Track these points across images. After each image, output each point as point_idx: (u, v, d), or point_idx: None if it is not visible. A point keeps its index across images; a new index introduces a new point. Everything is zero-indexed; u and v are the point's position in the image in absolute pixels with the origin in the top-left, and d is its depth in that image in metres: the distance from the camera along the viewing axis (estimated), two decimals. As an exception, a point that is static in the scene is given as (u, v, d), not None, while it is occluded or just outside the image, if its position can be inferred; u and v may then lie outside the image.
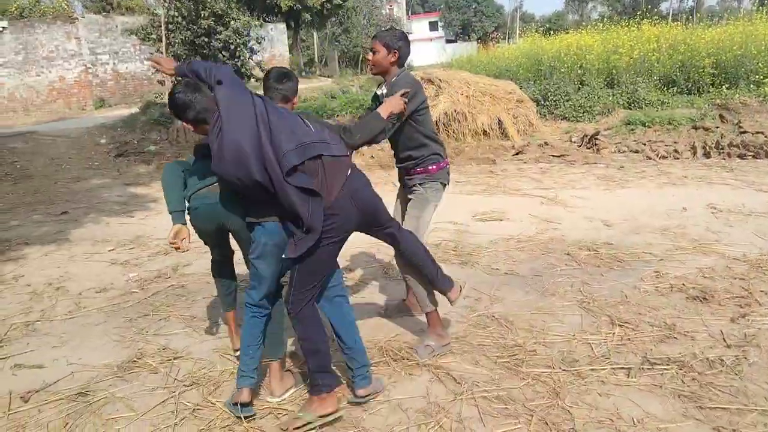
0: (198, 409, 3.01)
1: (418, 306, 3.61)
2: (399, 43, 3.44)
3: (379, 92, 3.56)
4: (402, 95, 3.22)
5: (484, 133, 10.82)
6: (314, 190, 2.59)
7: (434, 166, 3.53)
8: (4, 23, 20.07)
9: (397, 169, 3.76)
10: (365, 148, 8.18)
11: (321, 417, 2.74)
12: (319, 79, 28.61)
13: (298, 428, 2.70)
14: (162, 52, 14.69)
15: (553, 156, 9.36)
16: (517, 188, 7.50)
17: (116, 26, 20.88)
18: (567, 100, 12.45)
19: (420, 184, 3.54)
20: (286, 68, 3.42)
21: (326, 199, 2.63)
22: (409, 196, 3.62)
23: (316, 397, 2.79)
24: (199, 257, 5.47)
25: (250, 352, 2.93)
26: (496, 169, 8.83)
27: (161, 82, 15.40)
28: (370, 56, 3.52)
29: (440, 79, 11.40)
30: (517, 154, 9.72)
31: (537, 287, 4.33)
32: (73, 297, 4.71)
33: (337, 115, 15.21)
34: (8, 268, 5.53)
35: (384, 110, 3.14)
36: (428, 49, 31.59)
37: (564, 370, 3.16)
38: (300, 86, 3.38)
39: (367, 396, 2.95)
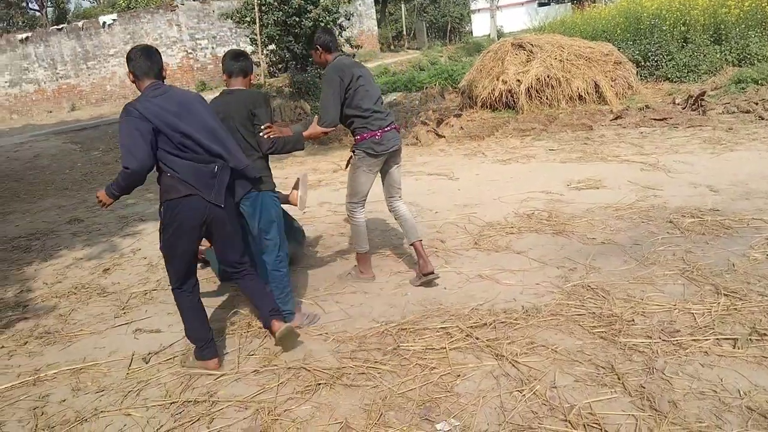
0: (297, 370, 3.18)
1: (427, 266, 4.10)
2: (319, 40, 4.08)
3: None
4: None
5: (580, 98, 10.41)
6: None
7: (359, 137, 4.02)
8: (114, 16, 21.44)
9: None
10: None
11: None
12: (407, 51, 28.49)
13: None
14: (257, 34, 15.16)
15: (654, 120, 8.87)
16: (615, 154, 7.20)
17: (213, 11, 21.71)
18: (669, 60, 11.69)
19: (353, 152, 4.14)
20: (241, 49, 3.94)
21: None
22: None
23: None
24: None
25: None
26: (592, 136, 8.50)
27: (257, 64, 15.91)
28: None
29: (532, 44, 11.06)
30: (615, 118, 9.30)
31: (636, 256, 4.19)
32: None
33: (426, 87, 15.16)
34: (127, 242, 6.02)
35: (306, 133, 3.90)
36: (520, 13, 30.49)
37: (664, 340, 3.07)
38: (388, 60, 3.51)
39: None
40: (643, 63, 11.91)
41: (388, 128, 4.09)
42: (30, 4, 37.55)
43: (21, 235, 6.66)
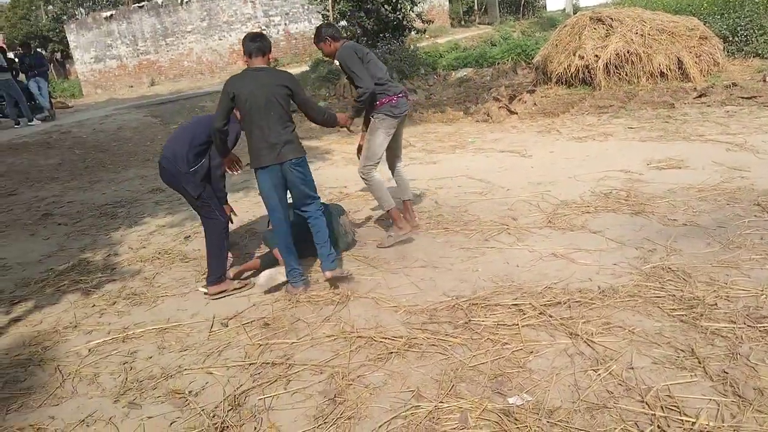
0: (371, 339, 3.25)
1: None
2: (327, 32, 4.47)
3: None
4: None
5: (661, 74, 9.94)
6: None
7: (378, 102, 4.46)
8: (192, -8, 22.00)
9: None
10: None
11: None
12: (478, 27, 27.94)
13: None
14: (329, 10, 15.24)
15: (742, 98, 8.37)
16: (699, 134, 6.87)
17: (286, -13, 21.97)
18: (761, 35, 10.96)
19: (372, 116, 4.55)
20: (259, 31, 4.18)
21: None
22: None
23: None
24: (366, 204, 5.78)
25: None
26: (674, 114, 8.14)
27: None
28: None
29: (611, 18, 10.62)
30: (699, 96, 8.84)
31: (720, 239, 4.01)
32: (258, 237, 5.23)
33: (498, 63, 14.87)
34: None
35: (341, 118, 4.39)
36: (599, -13, 29.35)
37: (749, 326, 2.94)
38: (458, 35, 3.52)
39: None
40: (730, 38, 11.22)
41: (401, 95, 4.55)
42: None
43: (108, 203, 7.03)
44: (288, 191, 3.96)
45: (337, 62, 4.53)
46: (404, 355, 3.09)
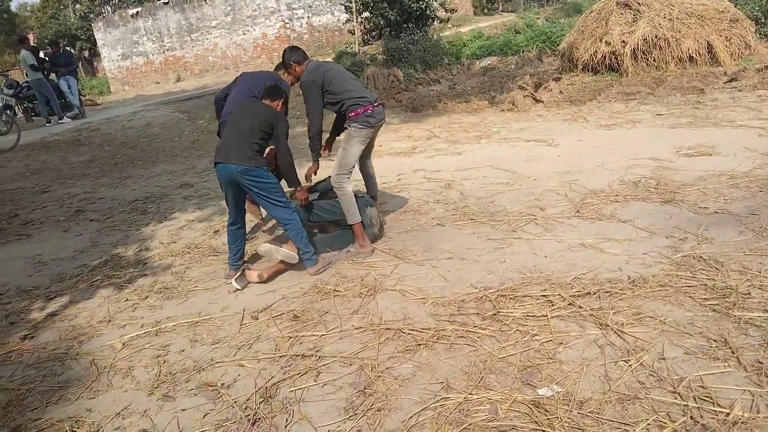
0: (399, 331, 3.27)
1: None
2: (291, 59, 4.58)
3: None
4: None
5: (690, 59, 9.75)
6: None
7: (353, 113, 4.44)
8: (214, -12, 22.14)
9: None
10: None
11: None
12: (502, 14, 27.62)
13: None
14: (351, 2, 15.21)
15: (776, 81, 8.18)
16: (731, 119, 6.73)
17: (309, -20, 21.96)
18: (796, 15, 10.69)
19: (348, 126, 4.54)
20: (276, 84, 4.69)
21: None
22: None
23: None
24: (393, 197, 5.78)
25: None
26: (704, 99, 7.97)
27: (351, 32, 16.02)
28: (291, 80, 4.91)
29: (639, 2, 10.42)
30: (730, 81, 8.65)
31: (754, 227, 3.93)
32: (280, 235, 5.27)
33: (523, 51, 14.71)
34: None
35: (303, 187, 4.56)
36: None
37: (785, 315, 2.89)
38: (482, 24, 3.57)
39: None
40: (763, 20, 10.95)
41: (376, 104, 4.53)
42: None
43: (138, 198, 7.16)
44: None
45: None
46: (433, 347, 3.10)
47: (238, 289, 4.16)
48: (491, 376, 2.78)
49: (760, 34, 10.69)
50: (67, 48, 28.34)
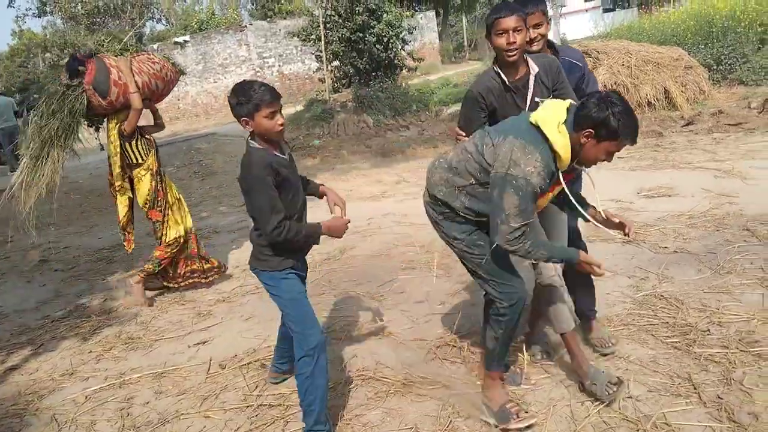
0: (367, 379, 3.25)
1: None
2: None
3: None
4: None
5: (649, 104, 10.13)
6: None
7: None
8: (186, 37, 22.45)
9: None
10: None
11: None
12: (469, 63, 28.45)
13: None
14: (321, 51, 15.52)
15: (728, 125, 8.52)
16: (688, 161, 6.97)
17: (279, 30, 22.38)
18: (744, 63, 11.22)
19: None
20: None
21: None
22: None
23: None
24: (364, 240, 5.82)
25: None
26: (663, 142, 8.26)
27: (321, 80, 16.28)
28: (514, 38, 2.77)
29: (597, 51, 10.85)
30: (686, 124, 9.00)
31: (711, 265, 4.05)
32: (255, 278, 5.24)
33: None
34: (201, 254, 6.28)
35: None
36: (584, 20, 29.86)
37: (742, 350, 2.97)
38: (449, 72, 3.59)
39: None
40: (715, 67, 11.48)
41: None
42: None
43: (104, 247, 7.06)
44: None
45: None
46: (403, 393, 3.09)
47: None
48: (458, 420, 2.78)
49: (712, 80, 11.18)
50: (35, 95, 28.17)
